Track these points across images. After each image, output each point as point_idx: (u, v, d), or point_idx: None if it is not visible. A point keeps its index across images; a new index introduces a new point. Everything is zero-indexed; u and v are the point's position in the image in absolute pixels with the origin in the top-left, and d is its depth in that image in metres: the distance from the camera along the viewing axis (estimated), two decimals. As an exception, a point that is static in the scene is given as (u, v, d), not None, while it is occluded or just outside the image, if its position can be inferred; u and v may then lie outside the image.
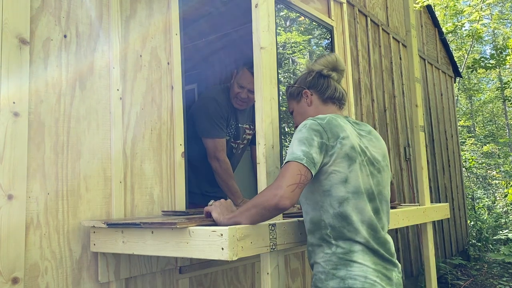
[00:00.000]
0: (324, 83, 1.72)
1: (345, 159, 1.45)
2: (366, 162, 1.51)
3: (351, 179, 1.45)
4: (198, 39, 4.00)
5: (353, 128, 1.57)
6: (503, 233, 8.95)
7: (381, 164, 1.58)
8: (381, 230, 1.50)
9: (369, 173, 1.51)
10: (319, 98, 1.71)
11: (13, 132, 1.60)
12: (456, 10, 13.95)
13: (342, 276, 1.42)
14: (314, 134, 1.44)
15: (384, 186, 1.57)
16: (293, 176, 1.37)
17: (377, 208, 1.52)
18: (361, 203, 1.46)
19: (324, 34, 3.81)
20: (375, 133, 1.67)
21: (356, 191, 1.46)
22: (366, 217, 1.47)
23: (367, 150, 1.54)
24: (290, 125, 8.87)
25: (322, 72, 1.73)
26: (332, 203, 1.45)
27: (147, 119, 2.09)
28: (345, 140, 1.46)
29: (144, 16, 2.15)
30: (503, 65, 8.92)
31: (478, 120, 19.59)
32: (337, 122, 1.50)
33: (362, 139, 1.56)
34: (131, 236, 1.63)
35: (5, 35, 1.61)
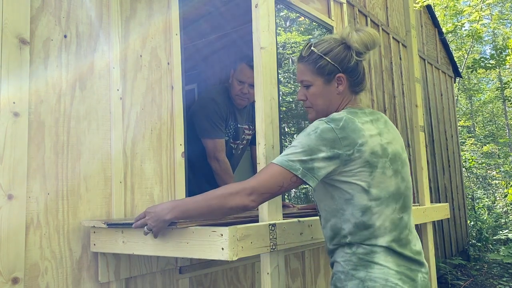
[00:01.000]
0: (360, 70, 1.49)
1: (366, 167, 1.35)
2: (389, 162, 1.39)
3: (373, 186, 1.36)
4: (198, 39, 4.00)
5: (372, 124, 1.41)
6: (503, 233, 8.95)
7: (403, 157, 1.46)
8: (405, 229, 1.41)
9: (392, 173, 1.39)
10: (350, 88, 1.49)
11: (13, 132, 1.60)
12: (456, 10, 13.95)
13: (361, 278, 1.35)
14: (324, 144, 1.32)
15: (408, 179, 1.47)
16: (273, 185, 1.31)
17: (404, 206, 1.42)
18: (385, 208, 1.37)
19: (324, 34, 3.81)
20: (389, 122, 1.52)
21: (378, 198, 1.36)
22: (389, 221, 1.38)
23: (389, 146, 1.41)
24: (290, 125, 8.86)
25: (361, 55, 1.47)
26: (354, 213, 1.37)
27: (147, 119, 2.10)
28: (364, 146, 1.34)
29: (144, 16, 2.15)
30: (503, 65, 8.93)
31: (478, 120, 19.59)
32: (354, 125, 1.36)
33: (383, 135, 1.41)
34: (131, 236, 1.63)
35: (5, 35, 1.61)
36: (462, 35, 15.65)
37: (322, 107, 1.50)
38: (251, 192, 1.30)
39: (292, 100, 8.29)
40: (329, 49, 1.47)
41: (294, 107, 8.45)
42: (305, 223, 1.70)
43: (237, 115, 2.81)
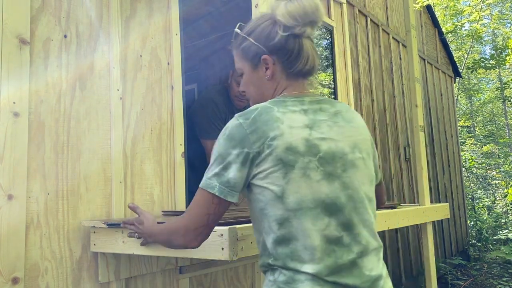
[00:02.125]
0: (294, 49, 1.18)
1: (278, 167, 1.06)
2: (316, 162, 1.08)
3: (289, 192, 1.06)
4: (198, 39, 4.00)
5: (302, 114, 1.13)
6: (503, 233, 8.95)
7: (348, 159, 1.13)
8: (349, 252, 1.08)
9: (322, 177, 1.08)
10: (284, 70, 1.20)
11: (13, 132, 1.60)
12: (456, 10, 13.96)
13: None
14: (233, 146, 1.09)
15: (357, 187, 1.13)
16: (201, 217, 1.11)
17: (347, 222, 1.10)
18: (310, 221, 1.06)
19: (324, 34, 3.81)
20: (347, 114, 1.21)
21: (298, 208, 1.06)
22: (320, 239, 1.06)
23: (323, 143, 1.10)
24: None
25: (294, 31, 1.17)
26: (271, 225, 1.08)
27: (147, 119, 2.10)
28: (276, 140, 1.06)
29: (144, 16, 2.15)
30: (503, 65, 8.93)
31: (478, 120, 19.59)
32: (269, 115, 1.10)
33: (316, 128, 1.12)
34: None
35: (5, 35, 1.61)
36: (462, 35, 15.66)
37: (255, 97, 1.26)
38: (185, 232, 1.13)
39: (292, 100, 8.26)
40: (253, 28, 1.24)
41: (294, 107, 8.43)
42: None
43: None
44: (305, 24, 1.17)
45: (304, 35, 1.18)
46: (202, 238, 1.14)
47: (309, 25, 1.18)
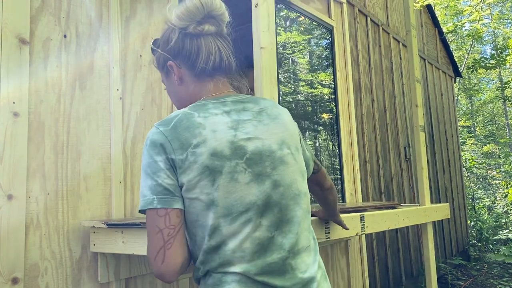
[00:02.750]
0: (192, 48, 1.15)
1: (205, 174, 1.02)
2: (244, 165, 1.05)
3: (219, 198, 1.02)
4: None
5: (225, 116, 1.09)
6: (503, 233, 8.95)
7: (276, 156, 1.10)
8: (280, 251, 1.05)
9: (251, 178, 1.05)
10: (190, 72, 1.17)
11: (13, 132, 1.59)
12: (456, 10, 13.96)
13: None
14: (156, 153, 1.04)
15: (289, 183, 1.10)
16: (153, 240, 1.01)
17: (278, 221, 1.07)
18: (241, 225, 1.03)
19: (324, 34, 3.81)
20: (271, 111, 1.16)
21: (229, 213, 1.02)
22: (250, 241, 1.03)
23: (249, 143, 1.07)
24: (290, 125, 8.86)
25: (187, 30, 1.14)
26: (204, 235, 1.04)
27: (147, 119, 2.09)
28: (200, 148, 1.02)
29: (144, 16, 2.15)
30: (503, 65, 8.93)
31: (478, 120, 19.59)
32: (189, 121, 1.06)
33: (241, 129, 1.08)
34: (131, 236, 1.63)
35: (5, 35, 1.61)
36: (462, 35, 15.65)
37: (177, 105, 1.24)
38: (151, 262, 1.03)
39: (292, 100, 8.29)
40: (159, 39, 1.25)
41: (294, 107, 8.46)
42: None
43: None
44: (198, 22, 1.14)
45: (203, 33, 1.15)
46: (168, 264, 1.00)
47: (205, 22, 1.15)
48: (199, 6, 1.13)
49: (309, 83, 4.13)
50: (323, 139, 4.38)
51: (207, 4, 1.14)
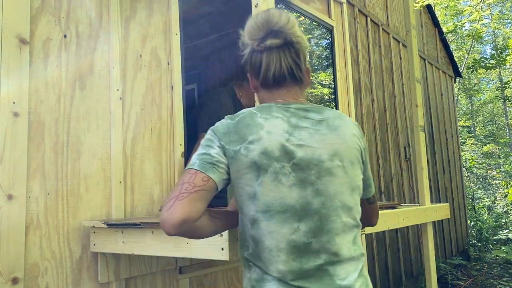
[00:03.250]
0: (256, 62, 1.25)
1: (252, 169, 1.10)
2: (289, 168, 1.11)
3: (260, 194, 1.10)
4: (198, 39, 4.00)
5: (285, 121, 1.17)
6: (503, 233, 8.95)
7: (325, 166, 1.14)
8: (317, 258, 1.09)
9: (294, 182, 1.10)
10: (258, 82, 1.29)
11: (13, 132, 1.59)
12: (456, 10, 13.96)
13: None
14: (216, 137, 1.16)
15: (332, 195, 1.13)
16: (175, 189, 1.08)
17: (317, 229, 1.11)
18: (275, 225, 1.09)
19: (324, 34, 3.81)
20: (333, 122, 1.21)
21: (267, 210, 1.09)
22: (286, 243, 1.09)
23: (299, 150, 1.13)
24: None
25: (253, 47, 1.25)
26: (246, 223, 1.14)
27: (147, 119, 2.09)
28: (253, 144, 1.11)
29: (144, 16, 2.15)
30: (503, 65, 8.93)
31: (478, 120, 19.59)
32: (251, 120, 1.16)
33: (295, 134, 1.15)
34: (131, 236, 1.63)
35: (5, 35, 1.61)
36: (462, 35, 15.65)
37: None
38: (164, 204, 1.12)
39: (292, 100, 8.28)
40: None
41: (294, 107, 8.46)
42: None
43: None
44: (261, 39, 1.22)
45: (267, 47, 1.22)
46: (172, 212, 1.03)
47: (267, 38, 1.22)
48: (255, 26, 1.23)
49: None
50: (323, 139, 4.37)
51: (262, 22, 1.22)
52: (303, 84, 1.29)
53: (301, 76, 1.26)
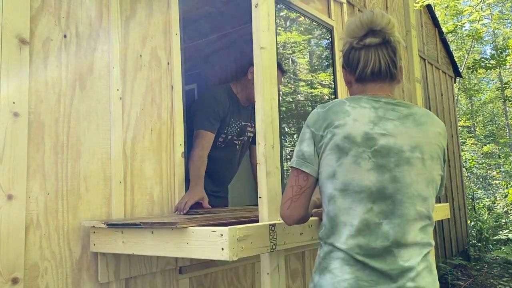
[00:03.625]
0: (354, 58, 1.37)
1: (335, 151, 1.23)
2: (369, 153, 1.21)
3: (339, 174, 1.22)
4: (198, 39, 4.00)
5: (372, 111, 1.27)
6: (503, 233, 8.95)
7: (404, 156, 1.23)
8: (385, 240, 1.19)
9: (372, 167, 1.21)
10: (354, 77, 1.40)
11: (13, 132, 1.59)
12: (456, 10, 13.96)
13: (315, 283, 1.27)
14: (307, 126, 1.31)
15: (408, 183, 1.22)
16: (287, 190, 1.31)
17: (389, 212, 1.20)
18: (351, 203, 1.21)
19: (324, 34, 3.81)
20: (420, 118, 1.31)
21: (344, 189, 1.22)
22: (359, 221, 1.20)
23: (381, 138, 1.23)
24: (290, 125, 8.87)
25: (352, 44, 1.37)
26: (325, 200, 1.28)
27: (147, 119, 2.09)
28: (338, 128, 1.23)
29: (144, 16, 2.15)
30: (503, 65, 8.93)
31: (478, 120, 19.59)
32: (340, 107, 1.28)
33: (380, 124, 1.25)
34: (131, 236, 1.63)
35: (5, 35, 1.61)
36: (462, 35, 15.65)
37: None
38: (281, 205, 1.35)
39: (292, 100, 8.30)
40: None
41: (294, 107, 8.46)
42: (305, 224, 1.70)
43: (241, 112, 2.81)
44: (361, 37, 1.34)
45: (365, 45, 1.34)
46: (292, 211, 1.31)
47: (369, 36, 1.34)
48: (358, 25, 1.35)
49: (309, 83, 4.12)
50: (323, 139, 4.37)
51: (367, 22, 1.34)
52: (396, 81, 1.40)
53: (395, 72, 1.39)
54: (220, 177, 2.84)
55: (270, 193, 1.55)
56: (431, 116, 1.35)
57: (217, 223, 1.49)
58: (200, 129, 2.57)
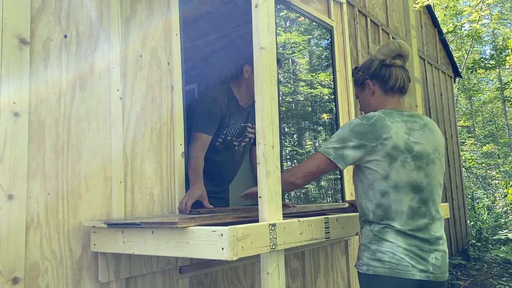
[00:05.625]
0: (386, 73, 1.80)
1: (386, 158, 1.65)
2: (411, 158, 1.67)
3: (391, 175, 1.66)
4: (198, 39, 4.01)
5: (404, 124, 1.70)
6: (502, 233, 8.95)
7: (431, 157, 1.72)
8: (424, 218, 1.68)
9: (414, 167, 1.67)
10: (381, 88, 1.81)
11: (13, 132, 1.60)
12: (456, 10, 13.96)
13: (373, 250, 1.68)
14: (354, 136, 1.67)
15: (434, 176, 1.72)
16: (311, 167, 1.72)
17: (425, 199, 1.69)
18: (401, 195, 1.67)
19: (324, 34, 3.82)
20: (431, 126, 1.79)
21: (396, 185, 1.66)
22: (407, 207, 1.67)
23: (415, 145, 1.68)
24: (290, 125, 8.87)
25: (385, 62, 1.80)
26: (375, 195, 1.69)
27: (147, 119, 2.10)
28: (387, 141, 1.65)
29: (144, 16, 2.15)
30: (502, 66, 8.93)
31: (477, 120, 19.60)
32: (383, 122, 1.67)
33: (412, 135, 1.69)
34: (131, 236, 1.63)
35: (5, 35, 1.61)
36: (462, 35, 15.65)
37: (365, 109, 1.91)
38: (296, 171, 1.75)
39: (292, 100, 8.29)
40: (360, 66, 1.92)
41: (294, 107, 8.45)
42: (305, 223, 1.70)
43: (241, 113, 2.79)
44: (393, 57, 1.80)
45: (394, 64, 1.80)
46: (305, 180, 1.75)
47: (397, 58, 1.81)
48: (397, 48, 1.80)
49: (309, 83, 4.13)
50: (323, 139, 4.38)
51: (402, 47, 1.81)
52: (406, 95, 1.88)
53: (408, 89, 1.87)
54: (220, 178, 2.84)
55: (270, 193, 1.55)
56: (434, 124, 1.82)
57: (217, 222, 1.50)
58: (196, 131, 2.56)
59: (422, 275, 1.64)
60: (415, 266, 1.64)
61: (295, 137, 4.39)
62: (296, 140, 4.19)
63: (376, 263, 1.67)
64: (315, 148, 3.99)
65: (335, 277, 3.28)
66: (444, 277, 1.70)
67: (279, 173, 1.60)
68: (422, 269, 1.64)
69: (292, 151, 4.19)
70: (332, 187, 4.01)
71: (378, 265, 1.66)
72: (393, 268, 1.64)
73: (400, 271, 1.63)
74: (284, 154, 3.70)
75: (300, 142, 4.34)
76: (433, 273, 1.66)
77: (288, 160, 4.07)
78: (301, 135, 4.45)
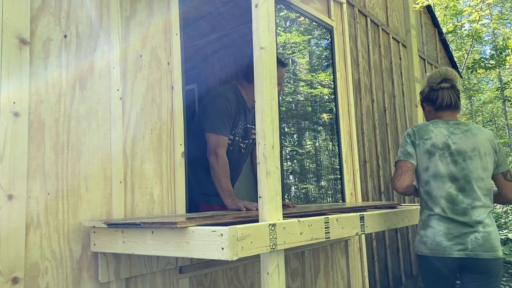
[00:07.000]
0: (434, 96, 2.27)
1: (426, 154, 2.15)
2: (448, 154, 2.12)
3: (430, 167, 2.14)
4: (198, 39, 4.01)
5: (445, 130, 2.17)
6: (503, 233, 8.95)
7: (468, 154, 2.12)
8: (462, 204, 2.07)
9: (450, 161, 2.12)
10: (432, 108, 2.31)
11: (13, 132, 1.60)
12: (456, 10, 13.96)
13: (421, 234, 2.17)
14: (406, 137, 2.24)
15: (471, 170, 2.11)
16: (397, 171, 2.20)
17: (462, 187, 2.10)
18: (440, 183, 2.11)
19: (324, 34, 3.82)
20: (474, 131, 2.19)
21: (435, 175, 2.13)
22: (444, 193, 2.10)
23: (453, 144, 2.13)
24: (290, 125, 8.86)
25: (432, 87, 2.28)
26: (421, 184, 2.21)
27: (147, 119, 2.10)
28: (427, 140, 2.16)
29: (144, 16, 2.15)
30: (503, 66, 8.93)
31: (478, 120, 19.59)
32: (426, 128, 2.20)
33: (452, 137, 2.15)
34: (131, 236, 1.63)
35: (5, 35, 1.61)
36: (462, 35, 15.65)
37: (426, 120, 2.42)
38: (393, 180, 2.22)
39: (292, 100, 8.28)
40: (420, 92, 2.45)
41: (294, 107, 8.45)
42: (305, 223, 1.70)
43: (247, 114, 2.78)
44: (438, 82, 2.26)
45: (441, 88, 2.25)
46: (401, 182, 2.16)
47: (443, 82, 2.26)
48: (438, 75, 2.28)
49: (309, 83, 4.13)
50: (323, 139, 4.38)
51: (444, 74, 2.26)
52: (459, 109, 2.31)
53: (459, 105, 2.29)
54: None
55: (270, 193, 1.55)
56: (481, 129, 2.22)
57: (217, 222, 1.50)
58: (218, 134, 2.53)
59: (460, 253, 2.02)
60: (453, 246, 2.03)
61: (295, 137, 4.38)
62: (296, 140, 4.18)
63: (421, 246, 2.14)
64: (315, 148, 3.99)
65: (335, 277, 3.28)
66: (487, 255, 2.01)
67: (279, 173, 1.60)
68: (460, 248, 2.03)
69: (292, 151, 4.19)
70: (332, 187, 4.01)
71: (423, 247, 2.13)
72: (433, 249, 2.08)
73: (439, 251, 2.07)
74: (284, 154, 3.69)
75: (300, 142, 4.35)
76: (473, 251, 2.01)
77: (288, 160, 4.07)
78: (301, 135, 4.44)
